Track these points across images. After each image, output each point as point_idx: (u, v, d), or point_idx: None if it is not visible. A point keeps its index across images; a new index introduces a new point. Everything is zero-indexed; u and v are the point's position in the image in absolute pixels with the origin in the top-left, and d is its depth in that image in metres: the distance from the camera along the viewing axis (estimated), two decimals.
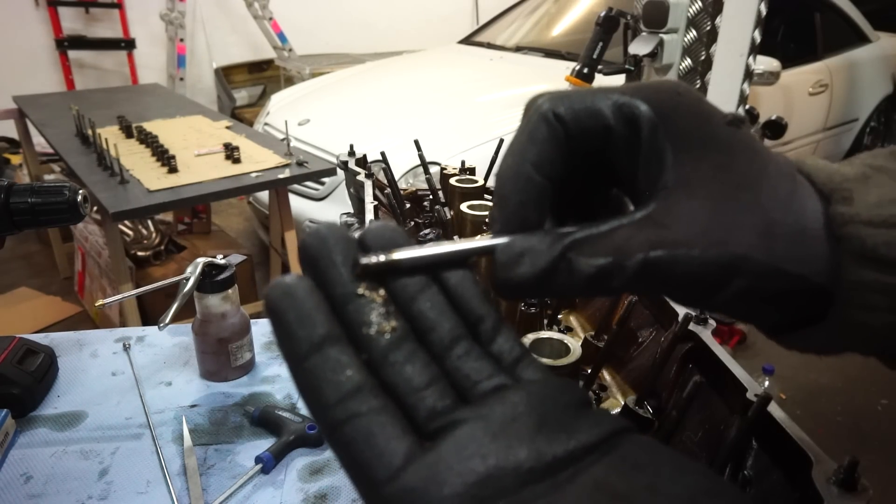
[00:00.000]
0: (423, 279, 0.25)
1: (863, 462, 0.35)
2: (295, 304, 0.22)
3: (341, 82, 3.47)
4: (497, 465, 0.20)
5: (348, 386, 0.21)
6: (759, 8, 1.99)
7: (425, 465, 0.20)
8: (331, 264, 0.23)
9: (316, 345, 0.22)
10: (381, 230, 0.25)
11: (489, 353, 0.25)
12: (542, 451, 0.21)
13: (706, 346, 0.52)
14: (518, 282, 0.26)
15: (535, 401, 0.22)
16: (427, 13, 5.74)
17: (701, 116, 0.27)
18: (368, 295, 0.23)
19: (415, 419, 0.22)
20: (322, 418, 0.21)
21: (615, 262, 0.25)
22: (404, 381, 0.22)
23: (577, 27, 3.43)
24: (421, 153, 0.88)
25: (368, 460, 0.20)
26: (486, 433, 0.21)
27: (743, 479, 0.44)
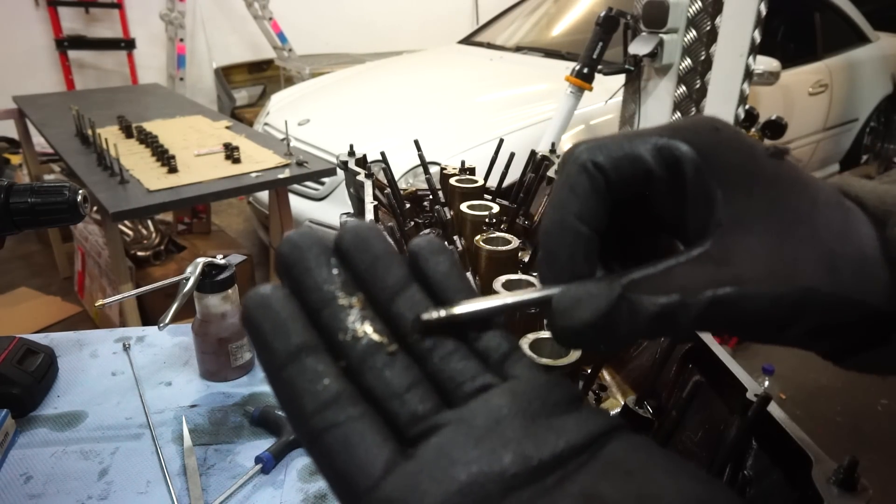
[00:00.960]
0: (403, 278, 0.24)
1: (863, 462, 0.35)
2: (270, 313, 0.22)
3: (341, 82, 3.47)
4: (480, 472, 0.20)
5: (326, 395, 0.21)
6: (759, 8, 1.99)
7: (405, 473, 0.20)
8: (305, 270, 0.23)
9: (292, 354, 0.21)
10: (357, 231, 0.24)
11: (475, 350, 0.24)
12: (528, 454, 0.20)
13: (706, 346, 0.52)
14: (578, 327, 0.25)
15: (520, 401, 0.22)
16: (427, 13, 5.74)
17: (743, 151, 0.27)
18: (344, 300, 0.22)
19: (396, 425, 0.21)
20: (301, 428, 0.21)
21: (680, 300, 0.25)
22: (384, 386, 0.22)
23: (577, 27, 3.43)
24: (421, 153, 0.88)
25: (348, 470, 0.20)
26: (469, 438, 0.20)
27: (743, 479, 0.44)
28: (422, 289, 0.24)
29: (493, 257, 0.68)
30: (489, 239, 0.69)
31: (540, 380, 0.23)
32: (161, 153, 2.01)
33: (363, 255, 0.24)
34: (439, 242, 0.26)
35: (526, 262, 0.78)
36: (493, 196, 0.89)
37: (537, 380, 0.23)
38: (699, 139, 0.27)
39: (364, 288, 0.24)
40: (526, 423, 0.21)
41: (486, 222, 0.71)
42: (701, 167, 0.26)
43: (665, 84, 2.14)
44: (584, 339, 0.26)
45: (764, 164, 0.27)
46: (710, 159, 0.26)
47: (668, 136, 0.27)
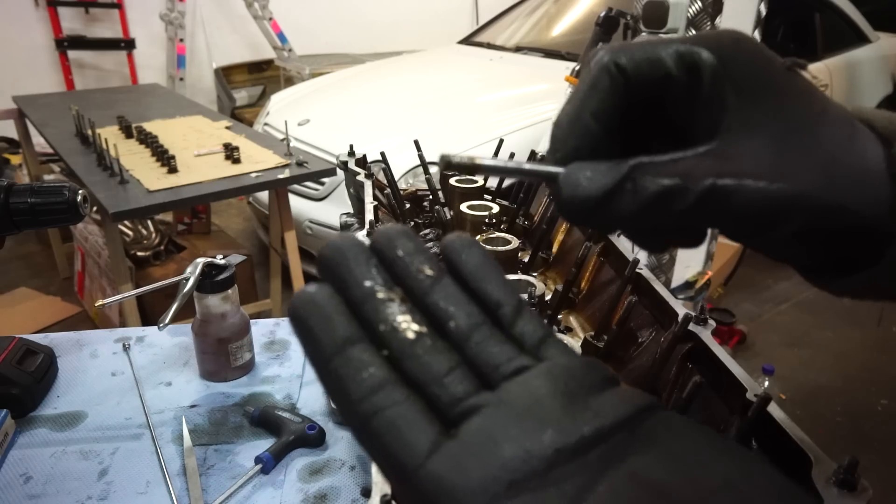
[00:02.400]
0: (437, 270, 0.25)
1: (863, 462, 0.35)
2: (316, 309, 0.23)
3: (341, 82, 3.47)
4: (522, 449, 0.20)
5: (371, 382, 0.22)
6: (759, 8, 1.99)
7: (450, 452, 0.20)
8: (347, 270, 0.24)
9: (338, 346, 0.22)
10: (390, 231, 0.25)
11: (511, 336, 0.25)
12: (568, 431, 0.21)
13: (706, 347, 0.51)
14: (583, 200, 0.27)
15: (557, 381, 0.22)
16: (427, 13, 5.74)
17: (761, 62, 0.28)
18: (384, 294, 0.24)
19: (438, 407, 0.22)
20: (350, 416, 0.22)
21: (681, 184, 0.26)
22: (425, 372, 0.23)
23: (577, 27, 3.43)
24: (421, 153, 0.88)
25: (395, 451, 0.21)
26: (510, 416, 0.21)
27: None
28: (454, 281, 0.25)
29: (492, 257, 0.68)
30: (489, 239, 0.69)
31: (575, 361, 0.24)
32: (161, 153, 2.01)
33: (397, 252, 0.25)
34: (469, 238, 0.27)
35: (526, 262, 0.78)
36: (493, 196, 0.89)
37: (573, 361, 0.24)
38: (720, 47, 0.28)
39: (401, 283, 0.25)
40: (564, 402, 0.22)
41: (486, 222, 0.71)
42: (718, 73, 0.28)
43: None
44: (587, 213, 0.27)
45: (778, 75, 0.28)
46: (728, 66, 0.28)
47: (692, 43, 0.28)
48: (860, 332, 2.69)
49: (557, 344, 0.25)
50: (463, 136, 2.53)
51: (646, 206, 0.26)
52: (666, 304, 0.59)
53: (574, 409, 0.22)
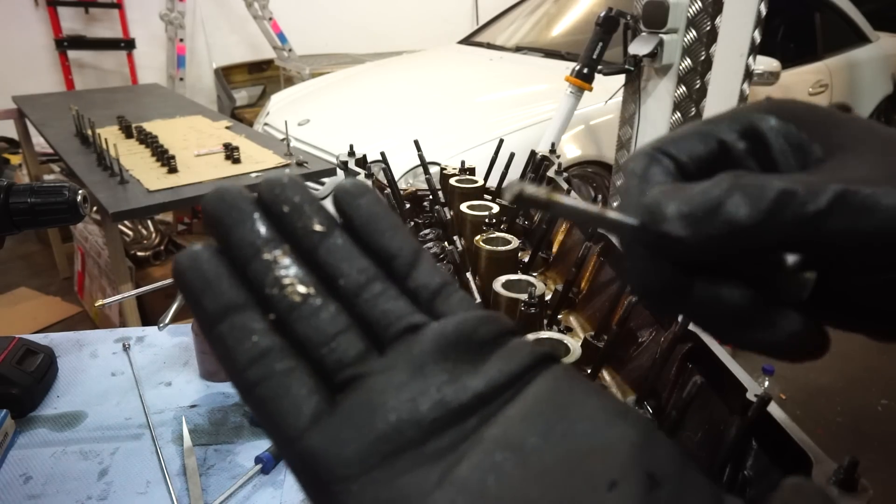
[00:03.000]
0: (327, 223, 0.24)
1: (863, 462, 0.35)
2: (200, 272, 0.23)
3: (341, 82, 3.47)
4: (399, 420, 0.20)
5: (255, 350, 0.21)
6: (759, 8, 1.99)
7: (329, 424, 0.21)
8: (230, 227, 0.23)
9: (221, 313, 0.22)
10: (275, 183, 0.24)
11: (406, 289, 0.24)
12: (447, 399, 0.21)
13: (706, 347, 0.51)
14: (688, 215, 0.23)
15: (444, 343, 0.22)
16: (427, 13, 5.74)
17: (812, 107, 0.27)
18: (269, 254, 0.23)
19: (324, 372, 0.22)
20: (235, 382, 0.22)
21: (806, 188, 0.23)
22: (311, 335, 0.22)
23: (577, 27, 3.43)
24: (421, 153, 0.88)
25: (277, 421, 0.21)
26: (390, 386, 0.21)
27: (743, 480, 0.44)
28: (344, 233, 0.24)
29: (492, 257, 0.68)
30: (489, 239, 0.69)
31: (468, 318, 0.23)
32: (161, 153, 2.01)
33: (284, 207, 0.24)
34: (362, 184, 0.25)
35: (526, 262, 0.78)
36: (492, 196, 0.89)
37: (465, 318, 0.23)
38: (766, 107, 0.27)
39: (289, 239, 0.24)
40: (448, 367, 0.22)
41: (486, 222, 0.71)
42: (779, 126, 0.26)
43: (665, 84, 2.14)
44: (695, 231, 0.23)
45: (837, 114, 0.27)
46: (787, 116, 0.27)
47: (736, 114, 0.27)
48: None
49: (454, 295, 0.24)
50: (463, 136, 2.53)
51: (769, 211, 0.23)
52: None
53: (458, 374, 0.21)
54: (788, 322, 0.25)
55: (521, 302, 0.58)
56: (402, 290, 0.24)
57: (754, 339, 0.26)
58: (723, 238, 0.23)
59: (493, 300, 0.61)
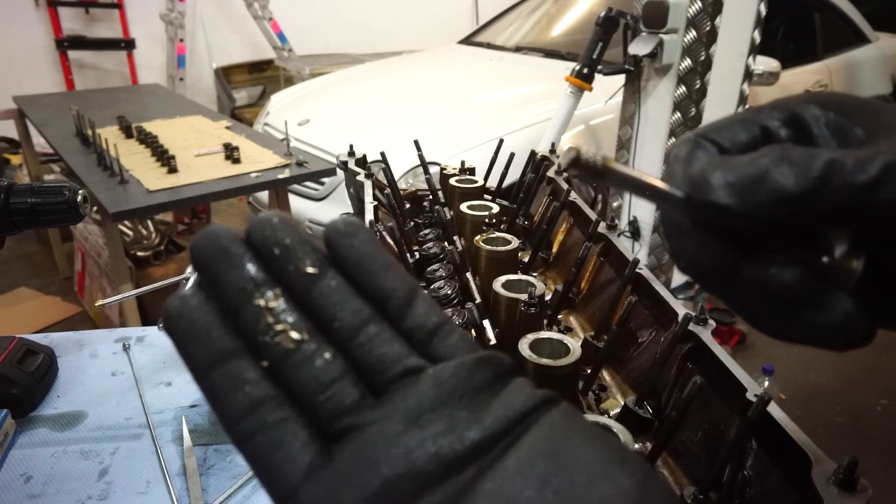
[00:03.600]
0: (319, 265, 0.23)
1: (862, 462, 0.35)
2: (189, 322, 0.22)
3: (341, 82, 3.47)
4: (394, 475, 0.20)
5: (246, 402, 0.21)
6: (759, 8, 1.99)
7: (323, 481, 0.20)
8: (219, 272, 0.22)
9: (212, 363, 0.21)
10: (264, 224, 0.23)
11: (402, 330, 0.23)
12: (443, 452, 0.20)
13: (706, 347, 0.51)
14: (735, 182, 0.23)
15: (441, 391, 0.22)
16: (427, 13, 5.74)
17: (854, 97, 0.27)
18: (260, 300, 0.22)
19: (319, 421, 0.22)
20: (229, 433, 0.21)
21: (854, 160, 0.22)
22: (306, 384, 0.22)
23: (577, 27, 3.43)
24: (421, 153, 0.88)
25: (272, 476, 0.21)
26: (385, 439, 0.21)
27: (743, 480, 0.44)
28: (338, 274, 0.24)
29: (492, 257, 0.68)
30: (489, 239, 0.69)
31: (465, 363, 0.23)
32: (161, 153, 2.01)
33: (274, 249, 0.23)
34: (355, 222, 0.25)
35: (526, 262, 0.78)
36: (492, 196, 0.89)
37: (462, 363, 0.23)
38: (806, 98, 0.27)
39: (280, 282, 0.23)
40: (445, 415, 0.21)
41: (486, 222, 0.71)
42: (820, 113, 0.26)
43: (665, 84, 2.14)
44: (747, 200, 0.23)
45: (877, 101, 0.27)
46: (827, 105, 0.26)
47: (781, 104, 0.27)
48: None
49: (451, 335, 0.24)
50: (463, 136, 2.53)
51: (818, 179, 0.23)
52: (666, 304, 0.59)
53: (456, 421, 0.21)
54: (840, 304, 0.25)
55: (521, 302, 0.58)
56: (398, 331, 0.23)
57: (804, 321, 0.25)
58: (770, 206, 0.23)
59: (493, 300, 0.61)
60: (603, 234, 0.71)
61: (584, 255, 0.67)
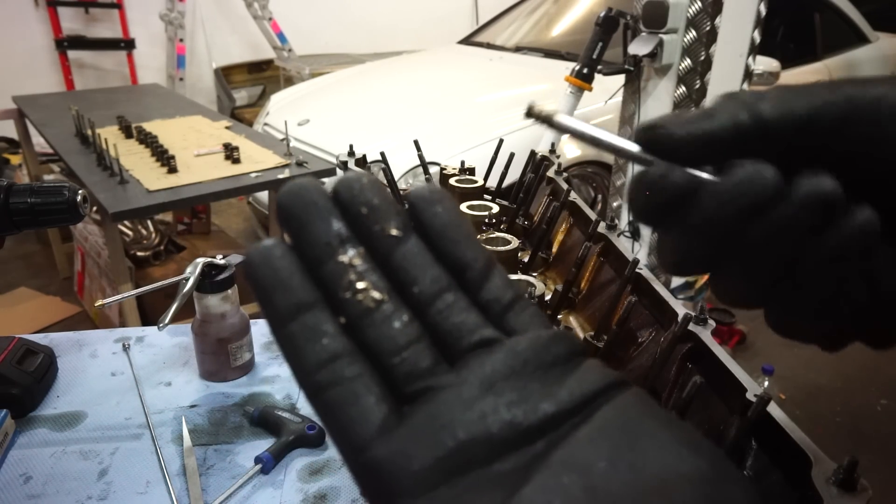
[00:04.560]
0: (403, 228, 0.23)
1: (862, 462, 0.35)
2: (271, 270, 0.22)
3: (341, 82, 3.47)
4: (468, 437, 0.20)
5: (325, 353, 0.21)
6: (759, 8, 1.99)
7: (397, 437, 0.20)
8: (304, 224, 0.23)
9: (292, 312, 0.22)
10: (352, 182, 0.23)
11: (477, 301, 0.24)
12: (517, 420, 0.20)
13: (706, 347, 0.51)
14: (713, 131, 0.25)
15: (515, 362, 0.22)
16: (427, 13, 5.74)
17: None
18: (344, 256, 0.22)
19: (394, 381, 0.22)
20: (303, 384, 0.22)
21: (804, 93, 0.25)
22: (383, 343, 0.22)
23: (577, 27, 3.43)
24: (421, 153, 0.88)
25: (344, 428, 0.21)
26: (460, 403, 0.21)
27: None
28: (420, 240, 0.24)
29: None
30: (489, 239, 0.69)
31: (541, 336, 0.23)
32: (161, 153, 2.01)
33: (362, 208, 0.23)
34: (439, 190, 0.25)
35: (526, 262, 0.78)
36: (492, 196, 0.89)
37: (538, 336, 0.23)
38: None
39: (364, 241, 0.23)
40: (519, 386, 0.21)
41: (486, 222, 0.71)
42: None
43: (665, 84, 2.14)
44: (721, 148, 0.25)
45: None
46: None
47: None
48: None
49: (526, 310, 0.24)
50: (463, 136, 2.52)
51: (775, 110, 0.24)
52: (666, 304, 0.59)
53: (528, 394, 0.21)
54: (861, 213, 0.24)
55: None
56: (474, 301, 0.23)
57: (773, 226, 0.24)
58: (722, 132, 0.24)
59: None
60: (603, 234, 0.71)
61: (584, 255, 0.67)
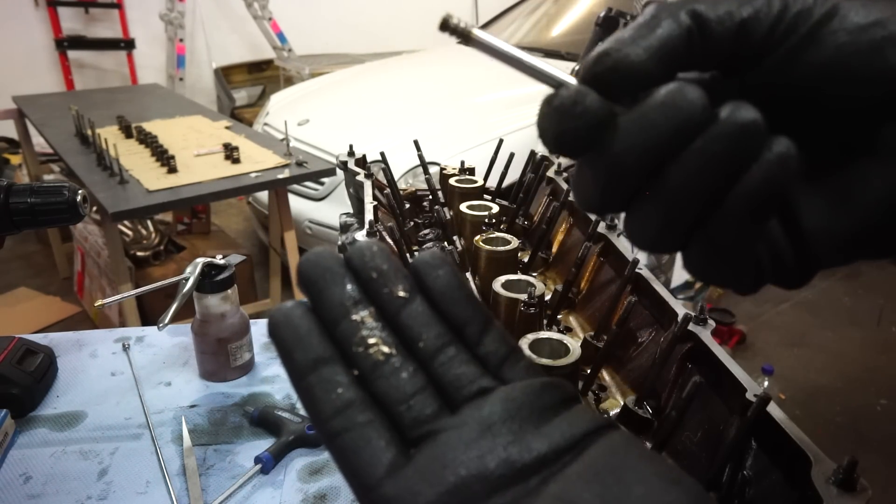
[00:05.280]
0: (410, 290, 0.26)
1: (862, 462, 0.35)
2: (292, 328, 0.25)
3: (341, 82, 3.47)
4: (468, 475, 0.22)
5: (339, 403, 0.24)
6: None
7: (404, 476, 0.22)
8: (322, 289, 0.26)
9: (310, 366, 0.24)
10: (363, 251, 0.27)
11: (476, 355, 0.26)
12: (513, 459, 0.22)
13: (706, 347, 0.51)
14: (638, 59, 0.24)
15: (511, 406, 0.24)
16: (427, 13, 5.73)
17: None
18: (356, 315, 0.25)
19: (401, 427, 0.24)
20: (320, 430, 0.24)
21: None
22: (391, 393, 0.24)
23: (577, 27, 3.43)
24: (420, 153, 0.88)
25: (356, 470, 0.23)
26: (461, 443, 0.23)
27: (742, 480, 0.44)
28: (424, 301, 0.26)
29: (492, 257, 0.68)
30: (489, 239, 0.69)
31: (534, 384, 0.25)
32: (161, 153, 2.01)
33: (372, 273, 0.26)
34: (440, 256, 0.28)
35: (526, 262, 0.78)
36: (492, 196, 0.89)
37: (531, 384, 0.25)
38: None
39: (374, 302, 0.26)
40: (515, 428, 0.23)
41: (486, 222, 0.71)
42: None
43: None
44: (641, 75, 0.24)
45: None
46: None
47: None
48: (860, 332, 2.69)
49: (520, 363, 0.26)
50: (463, 136, 2.52)
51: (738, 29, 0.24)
52: (666, 304, 0.59)
53: (523, 436, 0.23)
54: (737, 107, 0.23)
55: (521, 302, 0.58)
56: (474, 355, 0.26)
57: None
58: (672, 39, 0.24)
59: (493, 300, 0.61)
60: (603, 234, 0.71)
61: (584, 255, 0.67)
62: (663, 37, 0.24)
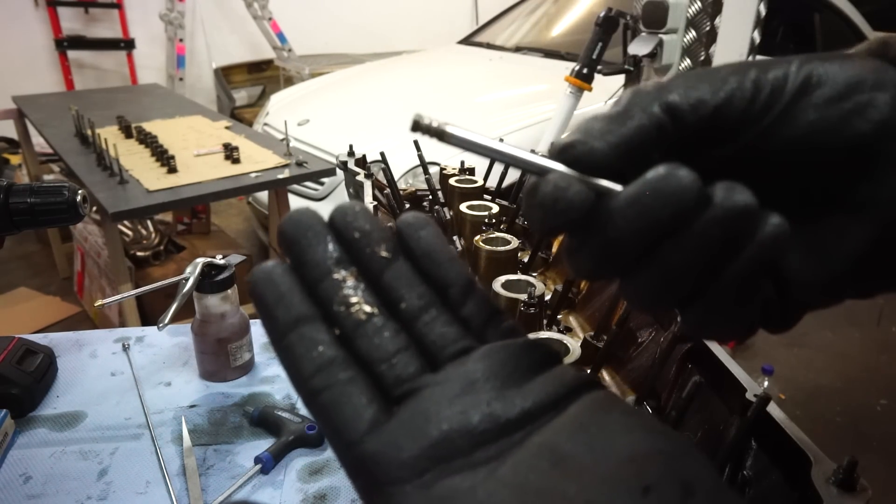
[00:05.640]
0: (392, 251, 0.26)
1: (862, 462, 0.35)
2: (273, 286, 0.24)
3: (341, 82, 3.47)
4: (451, 429, 0.22)
5: (320, 360, 0.23)
6: (759, 8, 1.99)
7: (387, 431, 0.22)
8: (304, 247, 0.25)
9: (291, 324, 0.24)
10: (347, 210, 0.26)
11: (459, 317, 0.26)
12: (496, 413, 0.22)
13: (706, 347, 0.52)
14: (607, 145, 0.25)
15: (494, 363, 0.24)
16: (427, 13, 5.74)
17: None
18: (338, 274, 0.25)
19: (383, 386, 0.24)
20: (300, 389, 0.24)
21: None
22: (373, 352, 0.24)
23: (577, 27, 3.43)
24: (420, 153, 0.88)
25: (338, 426, 0.23)
26: (444, 399, 0.23)
27: (742, 479, 0.44)
28: (407, 262, 0.26)
29: (492, 257, 0.68)
30: (488, 239, 0.69)
31: (517, 342, 0.25)
32: (160, 153, 2.01)
33: (355, 233, 0.26)
34: (423, 217, 0.27)
35: (526, 262, 0.78)
36: (492, 196, 0.89)
37: (514, 343, 0.25)
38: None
39: (356, 262, 0.26)
40: (497, 385, 0.23)
41: (486, 222, 0.71)
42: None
43: None
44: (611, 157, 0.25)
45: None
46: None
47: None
48: (860, 332, 2.69)
49: (503, 325, 0.26)
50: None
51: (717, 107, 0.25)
52: None
53: (506, 392, 0.23)
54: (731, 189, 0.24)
55: (521, 302, 0.58)
56: (456, 317, 0.26)
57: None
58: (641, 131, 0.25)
59: (493, 300, 0.61)
60: None
61: None
62: (630, 133, 0.25)
